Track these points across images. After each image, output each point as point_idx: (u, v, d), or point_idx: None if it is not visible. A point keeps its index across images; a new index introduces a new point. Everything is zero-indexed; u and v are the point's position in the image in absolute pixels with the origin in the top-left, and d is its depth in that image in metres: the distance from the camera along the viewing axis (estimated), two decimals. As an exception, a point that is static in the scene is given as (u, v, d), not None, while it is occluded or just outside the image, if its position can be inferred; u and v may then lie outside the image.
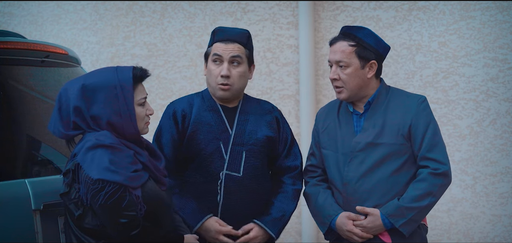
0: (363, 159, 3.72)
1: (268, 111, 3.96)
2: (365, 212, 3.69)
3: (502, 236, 5.77)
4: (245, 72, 3.87)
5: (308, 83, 6.12)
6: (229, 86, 3.84)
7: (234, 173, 3.81)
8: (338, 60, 3.74)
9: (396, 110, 3.75)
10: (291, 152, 3.96)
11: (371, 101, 3.77)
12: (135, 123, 3.32)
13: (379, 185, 3.70)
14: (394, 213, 3.65)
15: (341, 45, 3.75)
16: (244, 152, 3.83)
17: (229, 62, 3.83)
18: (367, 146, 3.72)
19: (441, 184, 3.70)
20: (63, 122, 3.32)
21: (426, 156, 3.69)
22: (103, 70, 3.39)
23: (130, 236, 3.20)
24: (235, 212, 3.81)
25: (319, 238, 6.19)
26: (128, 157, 3.26)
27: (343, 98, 3.77)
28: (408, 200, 3.66)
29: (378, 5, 6.02)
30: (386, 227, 3.68)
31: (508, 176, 5.75)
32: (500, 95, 5.75)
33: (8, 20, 6.96)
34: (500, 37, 5.75)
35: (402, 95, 3.82)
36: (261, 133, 3.88)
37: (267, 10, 6.29)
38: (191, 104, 3.92)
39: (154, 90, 6.44)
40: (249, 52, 3.89)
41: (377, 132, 3.72)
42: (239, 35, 3.88)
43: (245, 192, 3.81)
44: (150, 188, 3.32)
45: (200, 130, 3.85)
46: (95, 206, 3.19)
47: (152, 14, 6.56)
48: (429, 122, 3.73)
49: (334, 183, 3.83)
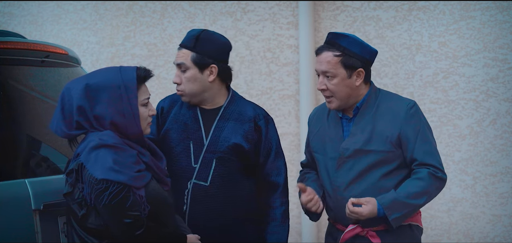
0: (351, 166, 3.71)
1: (250, 119, 3.84)
2: (360, 203, 3.66)
3: (502, 236, 5.77)
4: (193, 76, 3.77)
5: (308, 83, 6.12)
6: (181, 91, 3.82)
7: (201, 182, 3.76)
8: (324, 70, 3.71)
9: (384, 115, 3.71)
10: (275, 165, 3.87)
11: (359, 106, 3.75)
12: (139, 123, 3.32)
13: (367, 191, 3.68)
14: (390, 206, 3.62)
15: (327, 56, 3.71)
16: (214, 160, 3.77)
17: (178, 68, 3.82)
18: (356, 152, 3.70)
19: (438, 186, 3.69)
20: (65, 121, 3.32)
21: (423, 162, 3.67)
22: (106, 70, 3.39)
23: (134, 236, 3.19)
24: (202, 222, 3.74)
25: (319, 238, 6.19)
26: (131, 157, 3.26)
27: (334, 108, 3.75)
28: (405, 195, 3.63)
29: (378, 5, 6.02)
30: (378, 215, 3.65)
31: (508, 176, 5.75)
32: (500, 95, 5.75)
33: (8, 20, 6.96)
34: (500, 37, 5.75)
35: (391, 99, 3.78)
36: (233, 141, 3.78)
37: (267, 10, 6.29)
38: (174, 102, 3.91)
39: (154, 90, 6.44)
40: (197, 55, 3.76)
41: (365, 138, 3.70)
42: (187, 39, 3.81)
43: (211, 202, 3.75)
44: (153, 188, 3.32)
45: (174, 128, 3.83)
46: (99, 206, 3.19)
47: (152, 14, 6.56)
48: (419, 129, 3.69)
49: (325, 186, 3.83)
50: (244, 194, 3.83)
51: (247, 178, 3.85)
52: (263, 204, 3.88)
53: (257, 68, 6.29)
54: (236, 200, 3.80)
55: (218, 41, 3.83)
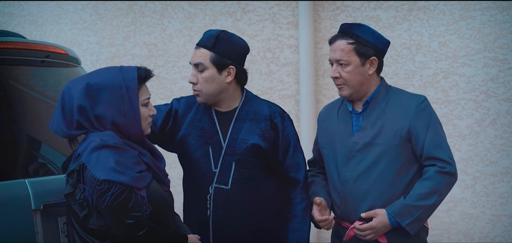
0: (360, 159, 3.72)
1: (266, 118, 3.84)
2: (370, 216, 3.67)
3: (502, 236, 5.77)
4: (211, 76, 3.74)
5: (308, 83, 6.12)
6: (197, 91, 3.78)
7: (222, 186, 3.76)
8: (337, 58, 3.74)
9: (394, 110, 3.74)
10: (294, 161, 3.86)
11: (369, 100, 3.77)
12: (140, 123, 3.32)
13: (375, 185, 3.69)
14: (400, 212, 3.64)
15: (340, 44, 3.74)
16: (233, 162, 3.77)
17: (195, 68, 3.77)
18: (365, 146, 3.72)
19: (447, 183, 3.69)
20: (66, 121, 3.31)
21: (431, 155, 3.68)
22: (107, 69, 3.38)
23: (136, 237, 3.19)
24: (226, 225, 3.75)
25: (319, 238, 6.18)
26: (133, 158, 3.26)
27: (345, 95, 3.78)
28: (414, 198, 3.64)
29: (378, 5, 6.02)
30: (392, 226, 3.66)
31: (508, 176, 5.75)
32: (500, 95, 5.75)
33: (8, 20, 6.96)
34: (500, 37, 5.74)
35: (401, 95, 3.81)
36: (251, 142, 3.78)
37: (267, 10, 6.29)
38: (189, 107, 3.89)
39: (154, 90, 6.44)
40: (216, 55, 3.74)
41: (375, 133, 3.72)
42: (206, 39, 3.77)
43: (233, 204, 3.75)
44: (154, 188, 3.32)
45: (192, 134, 3.82)
46: (101, 207, 3.18)
47: (152, 14, 6.56)
48: (430, 122, 3.71)
49: (332, 182, 3.83)
50: (265, 194, 3.83)
51: (267, 178, 3.84)
52: (283, 201, 3.87)
53: (257, 68, 6.30)
54: (258, 201, 3.80)
55: (237, 43, 3.82)
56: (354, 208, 3.73)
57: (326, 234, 6.20)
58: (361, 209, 3.71)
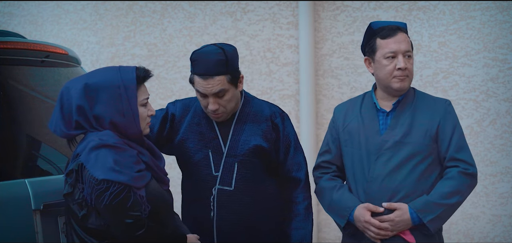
0: (390, 157, 3.72)
1: (267, 118, 3.84)
2: (392, 208, 3.67)
3: (502, 236, 5.77)
4: (232, 95, 3.72)
5: (308, 83, 6.12)
6: (220, 114, 3.74)
7: (226, 187, 3.76)
8: (406, 49, 3.75)
9: (423, 111, 3.77)
10: (295, 161, 3.86)
11: (400, 100, 3.78)
12: (138, 123, 3.32)
13: (404, 184, 3.70)
14: (423, 208, 3.65)
15: (404, 36, 3.77)
16: (236, 164, 3.76)
17: (213, 97, 3.69)
18: (395, 144, 3.73)
19: (469, 184, 3.72)
20: (65, 121, 3.31)
21: (454, 157, 3.71)
22: (105, 69, 3.38)
23: (135, 237, 3.19)
24: (230, 226, 3.75)
25: (319, 238, 6.19)
26: (131, 157, 3.26)
27: (405, 88, 3.77)
28: (437, 196, 3.66)
29: (378, 5, 6.02)
30: (413, 222, 3.66)
31: (508, 176, 5.75)
32: (500, 95, 5.75)
33: (8, 20, 6.96)
34: (500, 37, 5.75)
35: (428, 97, 3.85)
36: (253, 143, 3.78)
37: (267, 10, 6.29)
38: (186, 110, 3.88)
39: (154, 90, 6.44)
40: (231, 75, 3.68)
41: (404, 131, 3.73)
42: (216, 66, 3.66)
43: (237, 205, 3.76)
44: (153, 187, 3.32)
45: (190, 139, 3.82)
46: (100, 206, 3.18)
47: (152, 14, 6.56)
48: (456, 125, 3.77)
49: (356, 180, 3.81)
50: (268, 194, 3.84)
51: (269, 178, 3.85)
52: (285, 201, 3.87)
53: (257, 68, 6.29)
54: (261, 201, 3.81)
55: (235, 52, 3.78)
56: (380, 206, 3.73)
57: (327, 234, 6.20)
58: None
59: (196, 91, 3.73)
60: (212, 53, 3.69)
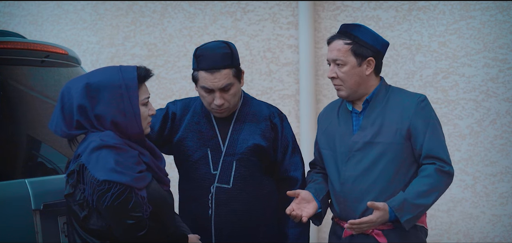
0: (360, 158, 3.72)
1: (265, 118, 3.88)
2: (375, 207, 3.65)
3: (502, 236, 5.77)
4: (237, 89, 3.77)
5: (308, 83, 6.12)
6: (224, 109, 3.77)
7: (224, 185, 3.78)
8: (334, 58, 3.75)
9: (394, 109, 3.74)
10: (293, 161, 3.90)
11: (369, 99, 3.77)
12: (140, 122, 3.31)
13: (375, 184, 3.69)
14: (400, 207, 3.63)
15: (337, 44, 3.75)
16: (234, 162, 3.79)
17: (220, 91, 3.72)
18: (365, 145, 3.72)
19: (446, 182, 3.69)
20: (65, 121, 3.30)
21: (430, 154, 3.68)
22: (106, 69, 3.37)
23: (136, 237, 3.19)
24: (228, 224, 3.77)
25: (319, 238, 6.19)
26: (133, 158, 3.26)
27: (343, 96, 3.78)
28: (414, 195, 3.63)
29: (378, 5, 6.02)
30: (390, 219, 3.66)
31: (508, 176, 5.75)
32: (500, 95, 5.75)
33: (8, 20, 6.96)
34: (500, 37, 5.75)
35: (401, 94, 3.80)
36: (252, 141, 3.81)
37: (267, 10, 6.29)
38: (186, 109, 3.90)
39: (154, 90, 6.44)
40: (236, 69, 3.75)
41: (375, 131, 3.72)
42: (223, 59, 3.71)
43: (235, 203, 3.78)
44: (154, 188, 3.32)
45: (190, 137, 3.84)
46: (101, 207, 3.18)
47: (152, 14, 6.56)
48: (429, 121, 3.71)
49: (332, 182, 3.83)
50: (265, 193, 3.87)
51: (266, 178, 3.88)
52: (282, 200, 3.88)
53: (257, 68, 6.30)
54: (259, 200, 3.83)
55: (236, 50, 3.83)
56: (353, 207, 3.73)
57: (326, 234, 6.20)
58: (360, 209, 3.70)
59: (201, 88, 3.74)
60: (218, 47, 3.75)
